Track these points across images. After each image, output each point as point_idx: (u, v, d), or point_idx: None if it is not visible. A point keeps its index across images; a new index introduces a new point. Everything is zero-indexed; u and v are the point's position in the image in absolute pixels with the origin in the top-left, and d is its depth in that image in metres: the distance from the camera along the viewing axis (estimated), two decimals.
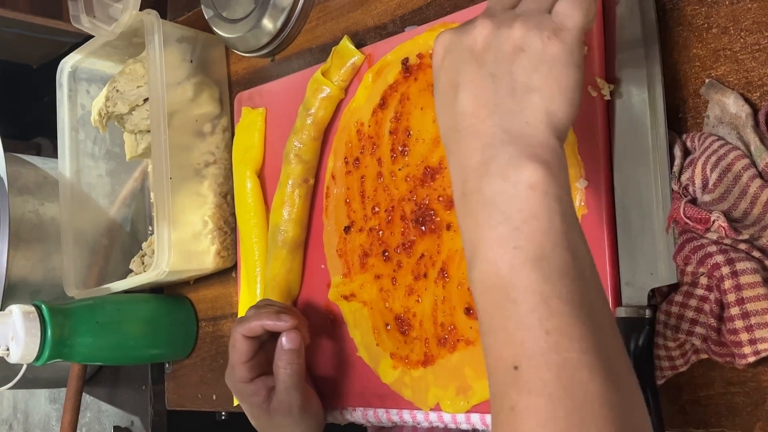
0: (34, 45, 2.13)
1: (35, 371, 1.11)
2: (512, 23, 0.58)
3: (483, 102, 0.57)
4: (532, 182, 0.54)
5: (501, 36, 0.58)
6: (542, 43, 0.57)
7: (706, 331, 0.64)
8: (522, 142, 0.55)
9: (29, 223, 1.23)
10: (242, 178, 1.04)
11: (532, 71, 0.57)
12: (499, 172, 0.55)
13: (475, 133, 0.57)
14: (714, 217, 0.63)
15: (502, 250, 0.53)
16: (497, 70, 0.57)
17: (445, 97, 0.60)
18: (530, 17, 0.58)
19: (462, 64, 0.59)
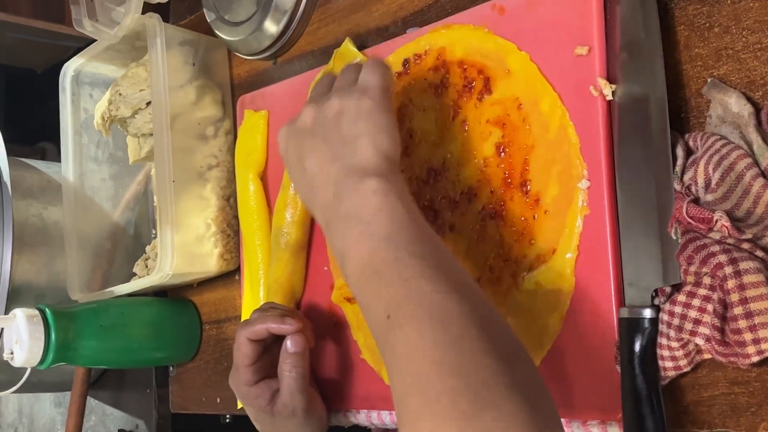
0: (39, 50, 2.14)
1: (39, 375, 1.11)
2: (329, 99, 0.75)
3: (324, 158, 0.73)
4: (373, 189, 0.68)
5: (323, 110, 0.75)
6: (355, 103, 0.74)
7: (710, 331, 0.64)
8: (360, 168, 0.70)
9: (33, 227, 1.24)
10: (245, 180, 1.04)
11: (354, 123, 0.73)
12: (348, 193, 0.69)
13: (324, 179, 0.72)
14: (717, 216, 0.63)
15: (361, 241, 0.67)
16: (327, 133, 0.74)
17: (296, 170, 0.76)
18: (341, 90, 0.76)
19: (300, 142, 0.76)
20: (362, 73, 0.77)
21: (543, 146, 0.76)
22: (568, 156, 0.74)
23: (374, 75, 0.76)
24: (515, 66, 0.79)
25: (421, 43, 0.87)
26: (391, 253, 0.65)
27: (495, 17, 0.81)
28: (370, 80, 0.75)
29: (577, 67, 0.74)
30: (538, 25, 0.77)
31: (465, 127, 0.83)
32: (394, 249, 0.65)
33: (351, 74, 0.78)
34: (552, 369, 0.74)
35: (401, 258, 0.64)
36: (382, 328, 0.62)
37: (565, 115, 0.74)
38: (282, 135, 0.79)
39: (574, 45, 0.74)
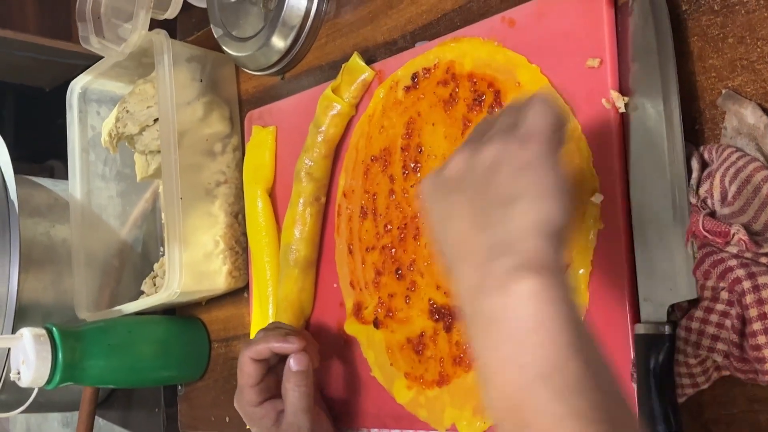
0: (46, 68, 2.14)
1: (47, 395, 1.10)
2: (482, 146, 0.59)
3: (471, 224, 0.57)
4: (530, 292, 0.51)
5: (475, 159, 0.59)
6: (516, 152, 0.57)
7: (728, 347, 0.63)
8: (514, 251, 0.53)
9: (40, 245, 1.23)
10: (253, 197, 1.04)
11: (514, 181, 0.56)
12: (495, 288, 0.53)
13: (467, 253, 0.56)
14: (734, 230, 0.62)
15: (509, 370, 0.51)
16: (480, 189, 0.57)
17: (439, 235, 0.60)
18: (500, 135, 0.59)
19: (445, 197, 0.60)
20: (528, 113, 0.59)
21: None
22: (581, 169, 0.73)
23: (543, 117, 0.59)
24: (526, 79, 0.78)
25: (430, 56, 0.86)
26: (549, 405, 0.49)
27: (505, 30, 0.80)
28: (537, 123, 0.58)
29: (589, 80, 0.73)
30: (548, 37, 0.76)
31: None
32: (554, 400, 0.49)
33: (514, 113, 0.61)
34: None
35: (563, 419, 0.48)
36: None
37: (577, 128, 0.73)
38: (425, 186, 0.62)
39: (586, 57, 0.73)
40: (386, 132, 0.90)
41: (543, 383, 0.49)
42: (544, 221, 0.54)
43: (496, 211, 0.56)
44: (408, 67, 0.88)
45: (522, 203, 0.55)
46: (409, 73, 0.88)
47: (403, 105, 0.88)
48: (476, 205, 0.57)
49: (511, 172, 0.56)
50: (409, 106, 0.87)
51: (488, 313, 0.53)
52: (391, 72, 0.90)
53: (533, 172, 0.56)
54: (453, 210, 0.58)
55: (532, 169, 0.56)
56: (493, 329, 0.52)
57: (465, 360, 0.80)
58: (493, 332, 0.52)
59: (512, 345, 0.51)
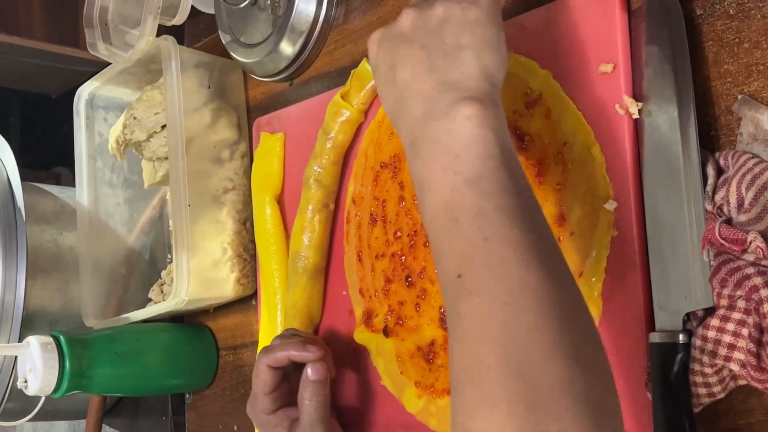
0: (53, 75, 2.14)
1: (54, 403, 1.10)
2: (433, 4, 0.67)
3: (420, 68, 0.64)
4: (467, 114, 0.60)
5: (425, 15, 0.66)
6: (462, 10, 0.65)
7: (745, 356, 0.62)
8: (458, 88, 0.62)
9: (47, 253, 1.23)
10: (261, 204, 1.03)
11: (459, 34, 0.64)
12: (440, 114, 0.61)
13: (416, 92, 0.64)
14: (751, 237, 0.61)
15: (445, 177, 0.59)
16: (427, 40, 0.65)
17: (385, 79, 0.68)
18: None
19: (395, 48, 0.67)
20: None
21: (567, 166, 0.74)
22: (594, 176, 0.72)
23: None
24: (538, 84, 0.77)
25: None
26: (475, 201, 0.57)
27: (516, 34, 0.79)
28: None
29: (602, 85, 0.72)
30: (560, 42, 0.76)
31: None
32: (479, 197, 0.57)
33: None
34: None
35: (485, 211, 0.56)
36: (451, 287, 0.56)
37: (590, 134, 0.73)
38: (374, 39, 0.70)
39: (598, 62, 0.72)
40: (396, 138, 0.89)
41: (472, 185, 0.58)
42: (486, 67, 0.63)
43: (443, 57, 0.64)
44: None
45: (467, 52, 0.64)
46: None
47: None
48: (425, 52, 0.65)
49: (458, 26, 0.65)
50: None
51: (432, 135, 0.61)
52: None
53: (479, 28, 0.65)
54: (402, 57, 0.66)
55: (478, 24, 0.65)
56: (433, 147, 0.61)
57: None
58: (433, 149, 0.61)
59: (449, 158, 0.59)
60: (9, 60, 2.00)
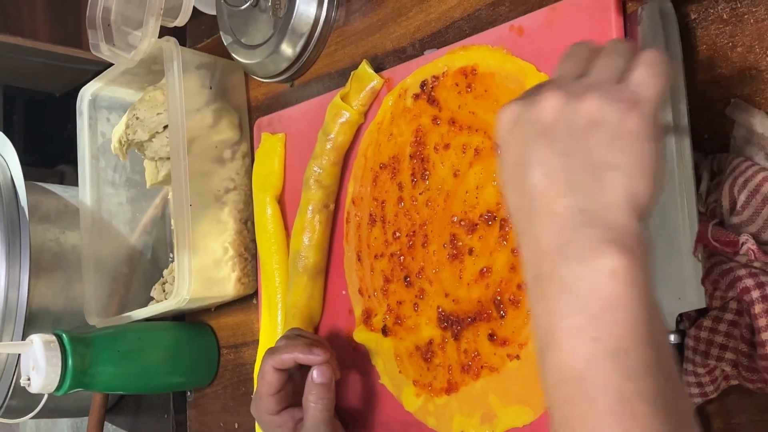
0: (57, 74, 2.14)
1: (57, 401, 1.10)
2: (584, 94, 0.54)
3: (556, 180, 0.54)
4: (613, 269, 0.50)
5: (573, 108, 0.54)
6: (619, 116, 0.53)
7: (737, 356, 0.63)
8: (602, 224, 0.52)
9: (50, 252, 1.23)
10: (262, 204, 1.04)
11: (610, 146, 0.53)
12: (577, 257, 0.51)
13: (549, 212, 0.54)
14: (743, 239, 0.62)
15: (579, 341, 0.50)
16: (570, 145, 0.54)
17: (513, 174, 0.57)
18: (603, 89, 0.54)
19: (530, 139, 0.55)
20: (638, 70, 0.55)
21: None
22: None
23: (653, 80, 0.55)
24: None
25: (438, 64, 0.86)
26: (617, 382, 0.48)
27: (514, 38, 0.80)
28: (646, 86, 0.54)
29: None
30: (557, 45, 0.76)
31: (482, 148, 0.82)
32: (622, 378, 0.48)
33: (620, 60, 0.57)
34: None
35: (628, 399, 0.48)
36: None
37: None
38: (508, 114, 0.57)
39: None
40: (395, 140, 0.90)
41: (614, 361, 0.49)
42: (636, 197, 0.52)
43: (587, 174, 0.53)
44: (417, 74, 0.88)
45: (617, 174, 0.52)
46: (418, 80, 0.88)
47: (411, 113, 0.88)
48: (566, 161, 0.54)
49: (610, 137, 0.53)
50: (418, 114, 0.87)
51: (565, 279, 0.51)
52: (399, 80, 0.90)
53: (634, 143, 0.53)
54: (537, 158, 0.55)
55: (633, 139, 0.53)
56: (565, 297, 0.51)
57: (473, 368, 0.81)
58: (565, 300, 0.51)
59: (586, 317, 0.50)
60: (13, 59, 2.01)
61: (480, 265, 0.81)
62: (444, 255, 0.84)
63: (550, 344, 0.51)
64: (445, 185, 0.85)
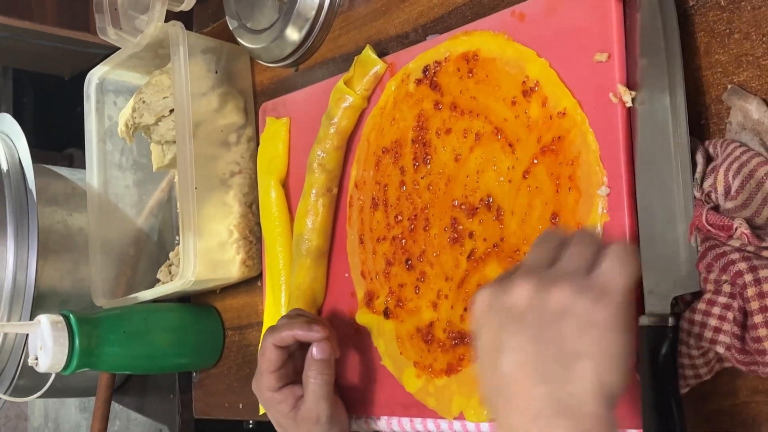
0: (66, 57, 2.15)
1: (64, 380, 1.12)
2: (554, 283, 0.57)
3: (529, 368, 0.56)
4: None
5: (543, 297, 0.57)
6: (589, 306, 0.56)
7: (730, 339, 0.63)
8: (573, 415, 0.54)
9: (57, 234, 1.25)
10: (267, 187, 1.05)
11: (580, 336, 0.55)
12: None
13: (523, 400, 0.56)
14: (737, 224, 0.63)
15: None
16: (541, 333, 0.56)
17: (487, 358, 0.59)
18: (573, 278, 0.57)
19: (503, 325, 0.58)
20: (605, 263, 0.58)
21: (562, 153, 0.76)
22: (588, 163, 0.74)
23: (621, 273, 0.58)
24: (535, 73, 0.78)
25: (441, 50, 0.87)
26: None
27: (515, 24, 0.81)
28: (614, 279, 0.57)
29: (597, 74, 0.74)
30: (557, 31, 0.77)
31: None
32: None
33: (588, 253, 0.59)
34: None
35: None
36: None
37: (585, 122, 0.74)
38: (482, 300, 0.60)
39: (594, 51, 0.74)
40: (397, 124, 0.91)
41: None
42: (606, 386, 0.55)
43: (558, 364, 0.56)
44: (419, 60, 0.89)
45: (586, 363, 0.55)
46: (421, 66, 0.89)
47: (414, 98, 0.89)
48: (537, 349, 0.56)
49: (579, 327, 0.56)
50: (420, 99, 0.88)
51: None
52: (402, 65, 0.91)
53: (603, 333, 0.56)
54: (509, 344, 0.57)
55: (603, 329, 0.56)
56: None
57: (473, 350, 0.82)
58: None
59: None
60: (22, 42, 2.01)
61: (480, 247, 0.82)
62: (445, 238, 0.85)
63: None
64: (446, 170, 0.86)
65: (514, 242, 0.79)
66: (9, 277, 1.18)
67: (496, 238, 0.81)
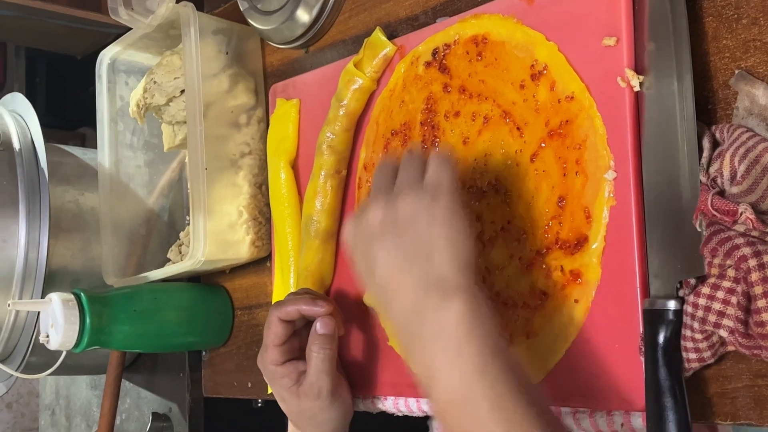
0: (78, 36, 2.16)
1: (75, 358, 1.13)
2: (396, 200, 0.72)
3: (396, 264, 0.70)
4: (457, 315, 0.66)
5: (392, 211, 0.71)
6: (428, 205, 0.70)
7: (734, 323, 0.64)
8: (440, 284, 0.68)
9: (69, 213, 1.25)
10: (276, 168, 1.05)
11: (427, 230, 0.69)
12: (432, 313, 0.67)
13: (398, 289, 0.69)
14: (741, 209, 0.63)
15: (452, 373, 0.65)
16: (400, 238, 0.70)
17: (366, 274, 0.74)
18: (409, 191, 0.72)
19: (368, 244, 0.72)
20: (430, 170, 0.73)
21: (570, 137, 0.76)
22: (595, 147, 0.74)
23: (444, 172, 0.73)
24: (543, 56, 0.79)
25: (450, 32, 0.87)
26: (489, 396, 0.63)
27: (524, 7, 0.81)
28: (441, 179, 0.72)
29: (605, 58, 0.74)
30: (566, 15, 0.77)
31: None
32: (491, 392, 0.63)
33: (416, 167, 0.75)
34: (576, 359, 0.74)
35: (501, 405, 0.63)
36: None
37: (593, 106, 0.74)
38: (348, 233, 0.76)
39: (602, 36, 0.74)
40: (406, 107, 0.91)
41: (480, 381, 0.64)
42: (459, 258, 0.69)
43: (417, 252, 0.69)
44: (429, 42, 0.89)
45: (439, 245, 0.69)
46: (430, 48, 0.89)
47: (423, 80, 0.89)
48: (399, 250, 0.70)
49: (426, 224, 0.70)
50: (429, 81, 0.88)
51: (426, 334, 0.67)
52: (412, 47, 0.91)
53: (445, 223, 0.69)
54: (377, 255, 0.71)
55: (444, 220, 0.69)
56: (430, 343, 0.67)
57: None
58: (431, 346, 0.67)
59: (451, 354, 0.65)
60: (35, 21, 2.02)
61: (487, 233, 0.82)
62: None
63: (432, 379, 0.66)
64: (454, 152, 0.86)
65: (521, 225, 0.80)
66: (21, 255, 1.19)
67: (504, 221, 0.81)
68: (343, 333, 0.93)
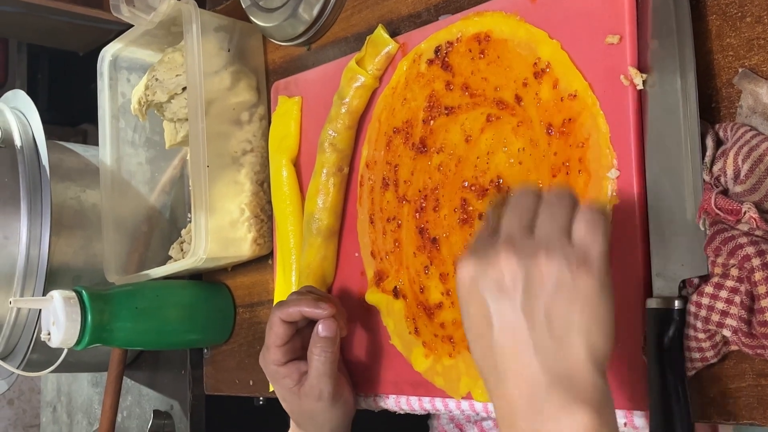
0: (80, 33, 2.15)
1: (77, 355, 1.13)
2: (536, 255, 0.59)
3: (521, 341, 0.58)
4: (584, 426, 0.56)
5: (529, 269, 0.58)
6: (572, 276, 0.58)
7: (737, 322, 0.64)
8: (568, 384, 0.57)
9: (71, 210, 1.25)
10: (278, 166, 1.05)
11: (567, 307, 0.58)
12: (550, 419, 0.57)
13: (517, 373, 0.58)
14: (745, 208, 0.63)
15: None
16: (530, 305, 0.58)
17: (478, 330, 0.61)
18: (553, 247, 0.59)
19: (492, 299, 0.59)
20: (582, 227, 0.60)
21: (573, 135, 0.76)
22: (598, 145, 0.74)
23: (598, 236, 0.60)
24: (546, 54, 0.78)
25: (453, 30, 0.87)
26: None
27: (526, 5, 0.81)
28: (593, 243, 0.59)
29: (608, 56, 0.74)
30: (569, 13, 0.77)
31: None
32: None
33: (563, 213, 0.61)
34: None
35: None
36: None
37: (596, 104, 0.74)
38: (467, 271, 0.61)
39: (605, 33, 0.74)
40: (408, 104, 0.91)
41: None
42: (596, 351, 0.58)
43: (549, 335, 0.58)
44: (431, 40, 0.89)
45: (577, 334, 0.57)
46: (432, 46, 0.89)
47: (425, 78, 0.89)
48: (527, 321, 0.58)
49: (567, 298, 0.58)
50: (431, 79, 0.88)
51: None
52: (414, 45, 0.91)
53: (589, 302, 0.58)
54: (499, 318, 0.59)
55: (588, 298, 0.58)
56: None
57: None
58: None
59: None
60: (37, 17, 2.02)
61: None
62: (454, 219, 0.85)
63: None
64: (456, 150, 0.86)
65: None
66: (22, 252, 1.19)
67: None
68: (345, 334, 0.93)
